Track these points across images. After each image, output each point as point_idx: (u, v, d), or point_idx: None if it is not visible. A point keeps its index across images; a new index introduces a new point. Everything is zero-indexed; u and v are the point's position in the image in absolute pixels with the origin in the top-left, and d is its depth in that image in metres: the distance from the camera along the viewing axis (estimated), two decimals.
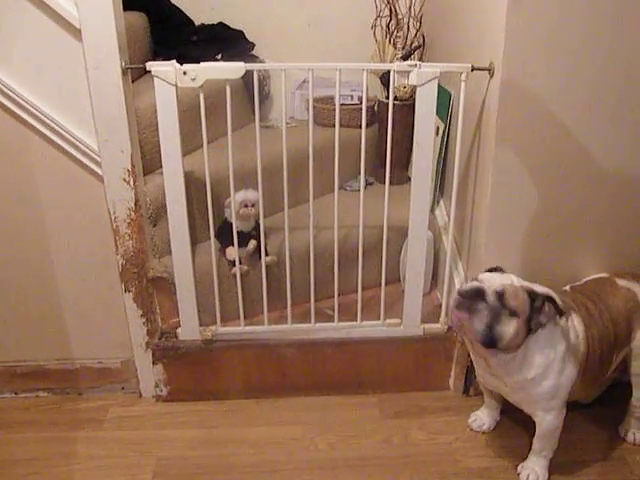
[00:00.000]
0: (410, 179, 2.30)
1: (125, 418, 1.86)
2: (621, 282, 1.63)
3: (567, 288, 1.66)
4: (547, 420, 1.52)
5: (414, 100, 1.61)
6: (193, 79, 1.54)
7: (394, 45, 2.34)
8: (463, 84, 1.59)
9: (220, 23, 2.45)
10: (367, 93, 1.66)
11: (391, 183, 1.72)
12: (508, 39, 1.48)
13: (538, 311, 1.37)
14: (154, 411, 1.88)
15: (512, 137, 1.58)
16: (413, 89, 2.01)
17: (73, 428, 1.82)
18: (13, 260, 1.78)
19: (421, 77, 1.56)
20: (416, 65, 1.56)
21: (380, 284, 1.84)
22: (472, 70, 1.58)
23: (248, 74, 1.57)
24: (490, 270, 1.46)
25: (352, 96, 2.40)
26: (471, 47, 1.81)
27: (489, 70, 1.57)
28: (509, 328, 1.33)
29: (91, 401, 1.92)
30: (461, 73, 1.58)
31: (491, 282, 1.37)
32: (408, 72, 1.58)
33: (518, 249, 1.72)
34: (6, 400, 1.93)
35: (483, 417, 1.78)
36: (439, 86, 1.58)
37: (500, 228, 1.69)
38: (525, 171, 1.62)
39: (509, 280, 1.39)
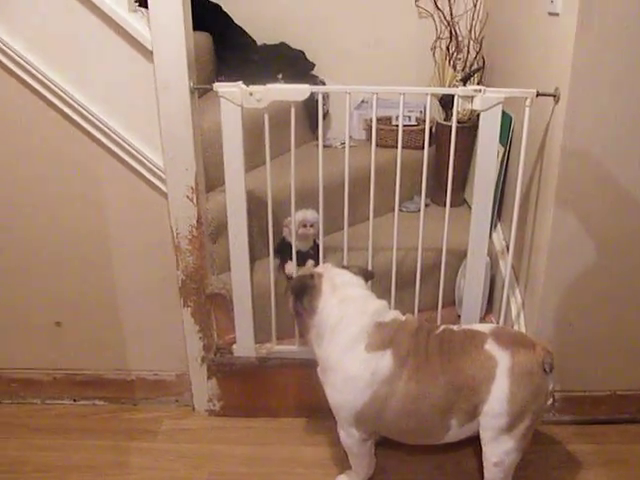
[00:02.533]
0: (465, 201, 2.29)
1: (178, 431, 1.89)
2: (489, 346, 1.41)
3: (441, 328, 1.51)
4: (340, 434, 1.55)
5: (472, 122, 1.60)
6: (258, 100, 1.57)
7: (454, 67, 2.33)
8: (527, 109, 1.57)
9: (282, 43, 2.49)
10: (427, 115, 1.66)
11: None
12: (575, 65, 1.46)
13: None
14: (206, 425, 1.91)
15: (577, 164, 1.56)
16: (471, 112, 2.00)
17: (127, 438, 1.86)
18: (78, 273, 1.84)
19: (485, 102, 1.55)
20: (480, 90, 1.55)
21: (434, 307, 1.83)
22: (537, 96, 1.56)
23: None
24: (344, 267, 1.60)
25: (410, 117, 2.39)
26: (533, 71, 1.79)
27: (554, 96, 1.56)
28: (289, 301, 1.55)
29: (145, 412, 1.96)
30: (525, 98, 1.57)
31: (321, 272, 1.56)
32: (472, 97, 1.57)
33: (580, 279, 1.68)
34: (65, 406, 1.99)
35: None
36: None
37: (562, 256, 1.65)
38: (591, 200, 1.59)
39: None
